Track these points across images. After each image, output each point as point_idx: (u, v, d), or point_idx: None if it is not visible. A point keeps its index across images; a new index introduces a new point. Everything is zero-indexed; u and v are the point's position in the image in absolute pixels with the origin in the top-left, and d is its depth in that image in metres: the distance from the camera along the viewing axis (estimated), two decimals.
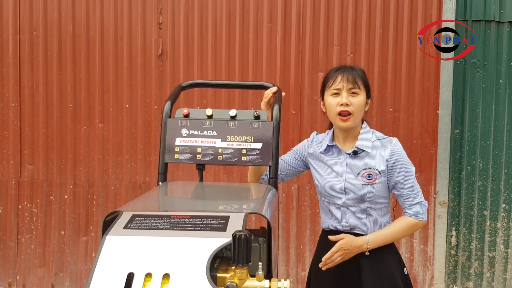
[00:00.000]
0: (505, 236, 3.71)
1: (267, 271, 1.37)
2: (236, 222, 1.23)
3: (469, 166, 3.69)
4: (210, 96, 3.67)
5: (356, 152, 1.99)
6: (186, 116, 1.87)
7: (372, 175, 1.96)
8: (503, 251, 3.72)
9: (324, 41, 3.63)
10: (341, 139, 2.04)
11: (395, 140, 2.00)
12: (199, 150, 1.83)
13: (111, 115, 3.72)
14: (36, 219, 3.78)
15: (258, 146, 1.82)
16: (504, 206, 3.69)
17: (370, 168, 1.96)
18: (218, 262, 1.23)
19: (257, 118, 1.85)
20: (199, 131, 1.84)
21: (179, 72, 3.69)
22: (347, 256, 1.95)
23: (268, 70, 3.66)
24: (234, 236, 1.11)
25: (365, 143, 1.99)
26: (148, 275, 1.08)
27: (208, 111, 1.87)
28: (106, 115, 3.72)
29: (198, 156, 1.83)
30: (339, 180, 1.99)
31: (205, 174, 1.94)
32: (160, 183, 1.83)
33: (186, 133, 1.85)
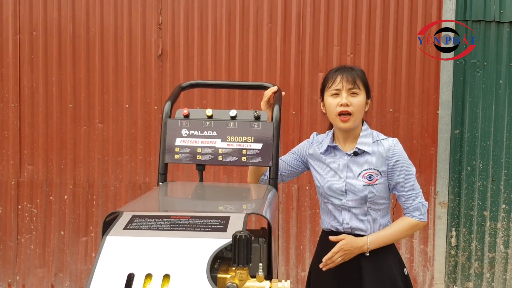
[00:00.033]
0: (505, 236, 3.70)
1: (267, 272, 1.37)
2: (236, 222, 1.23)
3: (469, 166, 3.68)
4: (210, 96, 3.67)
5: (356, 153, 1.98)
6: (186, 116, 1.87)
7: (373, 175, 1.96)
8: (503, 251, 3.72)
9: (324, 41, 3.63)
10: (341, 139, 2.04)
11: (395, 140, 2.00)
12: (199, 150, 1.83)
13: (111, 115, 3.72)
14: (36, 220, 3.78)
15: (258, 146, 1.81)
16: (504, 206, 3.69)
17: (371, 168, 1.96)
18: (219, 263, 1.23)
19: (257, 118, 1.85)
20: (199, 132, 1.84)
21: (179, 73, 3.69)
22: (347, 256, 1.95)
23: (268, 71, 3.66)
24: (234, 236, 1.11)
25: (365, 144, 1.98)
26: (148, 275, 1.08)
27: (208, 112, 1.86)
28: (106, 115, 3.72)
29: (198, 156, 1.83)
30: (340, 181, 1.99)
31: (205, 175, 1.94)
32: (160, 183, 1.83)
33: (186, 133, 1.85)
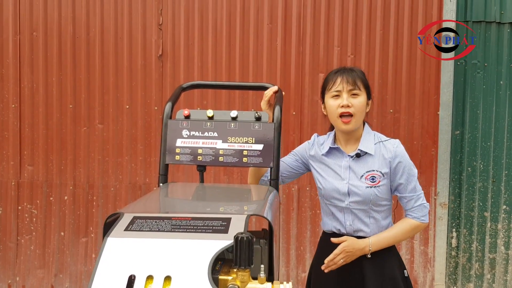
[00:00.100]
0: (505, 237, 3.70)
1: (269, 273, 1.36)
2: (237, 224, 1.23)
3: (469, 167, 3.68)
4: (211, 97, 3.66)
5: (359, 155, 1.98)
6: (187, 117, 1.86)
7: (375, 177, 1.95)
8: (504, 252, 3.71)
9: (325, 42, 3.62)
10: (343, 141, 2.03)
11: (397, 142, 1.99)
12: (200, 151, 1.83)
13: (111, 116, 3.71)
14: (36, 220, 3.77)
15: (259, 147, 1.81)
16: (504, 207, 3.69)
17: (374, 170, 1.96)
18: (220, 264, 1.22)
19: (258, 119, 1.85)
20: (200, 132, 1.84)
21: (179, 73, 3.68)
22: (349, 258, 1.95)
23: (269, 71, 3.65)
24: (236, 238, 1.11)
25: (368, 145, 1.98)
26: (150, 277, 1.08)
27: (209, 112, 1.86)
28: (106, 116, 3.71)
29: (199, 157, 1.82)
30: (342, 183, 1.98)
31: (205, 175, 1.93)
32: (161, 184, 1.83)
33: (187, 134, 1.84)
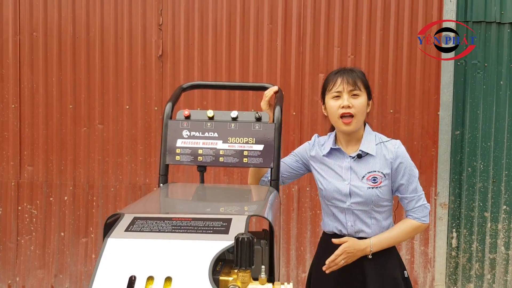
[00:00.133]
0: (505, 237, 3.70)
1: (269, 274, 1.36)
2: (238, 224, 1.22)
3: (469, 167, 3.68)
4: (211, 97, 3.66)
5: (360, 155, 1.97)
6: (187, 117, 1.86)
7: (377, 178, 1.95)
8: (504, 252, 3.71)
9: (325, 42, 3.62)
10: (344, 142, 2.03)
11: (398, 142, 1.99)
12: (200, 151, 1.82)
13: (111, 116, 3.71)
14: (36, 221, 3.77)
15: (260, 147, 1.81)
16: (504, 207, 3.69)
17: (375, 171, 1.95)
18: (221, 265, 1.22)
19: (258, 119, 1.84)
20: (200, 133, 1.83)
21: (179, 73, 3.68)
22: (350, 259, 1.94)
23: (269, 71, 3.65)
24: (237, 239, 1.10)
25: (369, 146, 1.97)
26: (150, 278, 1.08)
27: (210, 113, 1.86)
28: (106, 116, 3.71)
29: (199, 157, 1.82)
30: (344, 184, 1.98)
31: (205, 176, 1.93)
32: (161, 184, 1.82)
33: (187, 134, 1.84)
